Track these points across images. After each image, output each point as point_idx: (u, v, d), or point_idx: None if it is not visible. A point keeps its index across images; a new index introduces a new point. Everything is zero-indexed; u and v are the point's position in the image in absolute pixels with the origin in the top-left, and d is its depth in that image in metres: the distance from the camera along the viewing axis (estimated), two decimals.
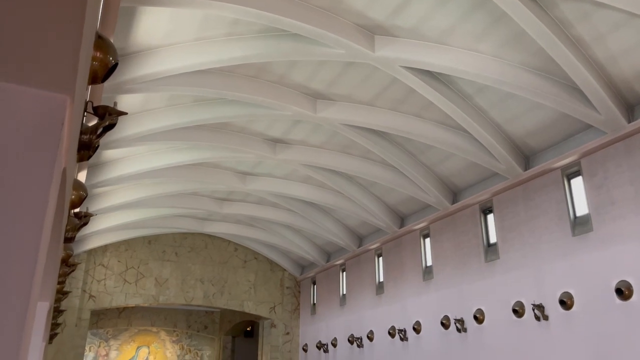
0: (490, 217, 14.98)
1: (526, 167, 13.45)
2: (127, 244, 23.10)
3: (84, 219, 10.50)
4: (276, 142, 15.53)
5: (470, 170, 14.95)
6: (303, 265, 25.47)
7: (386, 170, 15.81)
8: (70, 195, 8.39)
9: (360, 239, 21.18)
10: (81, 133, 6.29)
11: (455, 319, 15.09)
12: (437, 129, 13.27)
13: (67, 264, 12.46)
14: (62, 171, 3.11)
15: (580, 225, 12.10)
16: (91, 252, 22.08)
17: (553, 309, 12.20)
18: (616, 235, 11.09)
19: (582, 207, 12.24)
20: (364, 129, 13.88)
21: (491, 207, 14.82)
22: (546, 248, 12.75)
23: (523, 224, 13.54)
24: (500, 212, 14.41)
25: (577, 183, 12.49)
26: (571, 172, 12.59)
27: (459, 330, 15.00)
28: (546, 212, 12.93)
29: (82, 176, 12.37)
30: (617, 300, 10.72)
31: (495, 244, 14.54)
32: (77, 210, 10.29)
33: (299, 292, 25.62)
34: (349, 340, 20.40)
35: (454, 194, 16.08)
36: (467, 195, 15.46)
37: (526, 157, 13.53)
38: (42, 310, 7.22)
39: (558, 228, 12.52)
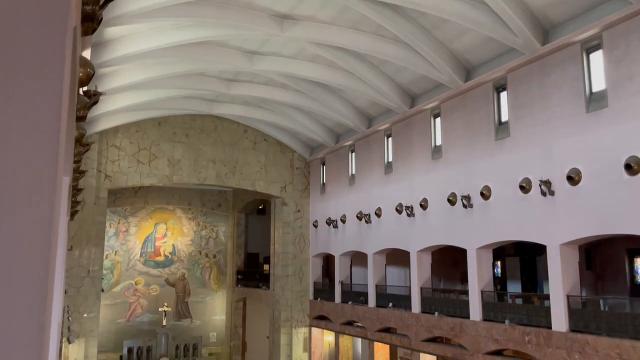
0: (503, 95, 14.76)
1: (544, 41, 12.95)
2: (138, 125, 23.25)
3: (93, 97, 10.43)
4: (283, 19, 14.90)
5: (486, 46, 14.45)
6: (312, 147, 25.74)
7: (398, 47, 15.30)
8: (78, 72, 8.26)
9: (369, 120, 21.13)
10: (83, 3, 6.02)
11: (461, 196, 15.51)
12: (454, 1, 12.60)
13: (81, 144, 12.64)
14: (73, 29, 3.02)
15: (595, 101, 11.92)
16: (103, 133, 22.31)
17: (560, 184, 12.44)
18: (631, 111, 10.96)
19: (598, 83, 11.98)
20: (376, 2, 13.20)
21: (505, 84, 14.54)
22: (558, 125, 12.69)
23: (536, 101, 13.36)
24: (513, 89, 14.16)
25: (596, 58, 12.09)
26: (591, 46, 12.14)
27: (464, 206, 15.48)
28: (561, 89, 12.69)
29: (87, 54, 12.10)
30: (625, 176, 10.88)
31: (506, 122, 14.48)
32: (85, 88, 10.21)
33: (309, 172, 26.18)
34: (357, 216, 21.21)
35: (467, 72, 15.70)
36: (481, 73, 15.10)
37: (545, 30, 12.96)
38: (64, 184, 7.46)
39: (572, 105, 12.37)
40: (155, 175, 23.45)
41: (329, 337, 27.31)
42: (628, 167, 10.72)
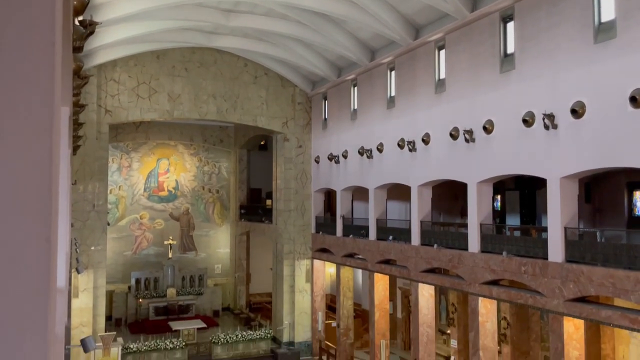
0: (510, 26, 14.35)
1: None
2: (136, 59, 22.82)
3: (89, 27, 10.18)
4: None
5: None
6: (314, 81, 25.36)
7: None
8: (72, 0, 8.01)
9: (372, 53, 20.67)
10: None
11: (464, 130, 15.44)
12: None
13: (79, 76, 12.46)
14: None
15: (603, 31, 11.60)
16: (101, 67, 21.94)
17: (563, 118, 12.34)
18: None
19: (608, 13, 11.60)
20: None
21: (512, 14, 14.10)
22: (564, 57, 12.42)
23: (543, 31, 13.00)
24: (521, 19, 13.75)
25: None
26: None
27: (467, 140, 15.43)
28: (569, 19, 12.32)
29: None
30: (630, 109, 10.76)
31: (512, 55, 14.16)
32: (81, 18, 9.94)
33: (310, 107, 25.93)
34: (359, 152, 21.22)
35: (474, 1, 15.18)
36: (488, 3, 14.59)
37: None
38: (64, 115, 7.42)
39: (580, 35, 12.04)
40: (156, 110, 23.29)
41: (330, 268, 28.09)
42: (633, 100, 10.58)
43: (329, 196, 26.87)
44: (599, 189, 15.80)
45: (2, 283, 1.58)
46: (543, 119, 12.64)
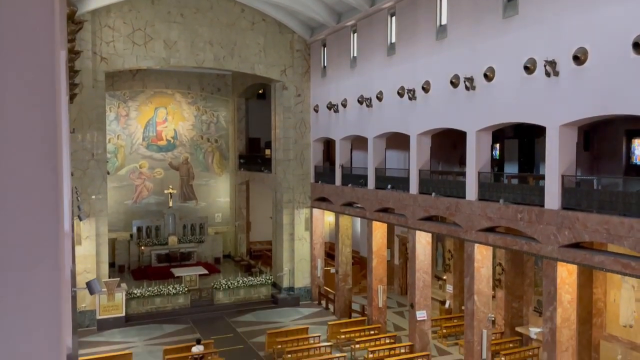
0: None
1: None
2: (130, 4, 22.24)
3: None
4: None
5: None
6: (313, 27, 24.82)
7: None
8: None
9: None
10: None
11: (464, 78, 15.26)
12: None
13: (74, 21, 12.21)
14: None
15: None
16: (95, 13, 21.41)
17: (565, 64, 12.19)
18: None
19: None
20: None
21: None
22: (569, 2, 12.13)
23: None
24: None
25: None
26: None
27: (467, 88, 15.29)
28: None
29: None
30: (632, 55, 10.61)
31: None
32: None
33: (309, 55, 25.50)
34: (358, 100, 21.04)
35: None
36: None
37: None
38: (61, 57, 7.33)
39: None
40: (152, 58, 22.90)
41: (329, 217, 28.43)
42: (636, 46, 10.42)
43: (328, 145, 26.86)
44: (598, 137, 15.81)
45: (15, 211, 1.62)
46: (545, 66, 12.48)
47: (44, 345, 1.64)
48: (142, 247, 28.62)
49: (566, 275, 12.70)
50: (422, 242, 18.09)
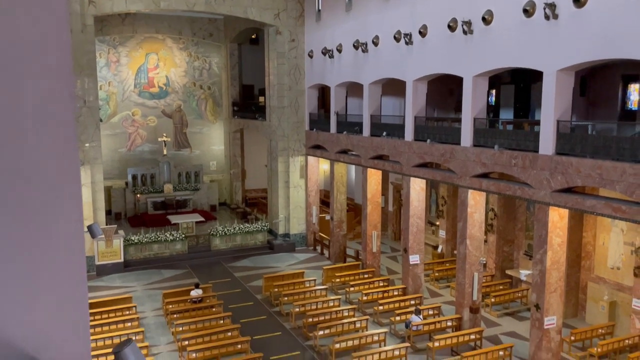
0: None
1: None
2: None
3: None
4: None
5: None
6: None
7: None
8: None
9: None
10: None
11: (462, 21, 14.97)
12: None
13: None
14: None
15: None
16: None
17: (565, 7, 11.95)
18: None
19: None
20: None
21: None
22: None
23: None
24: None
25: None
26: None
27: (465, 32, 15.03)
28: None
29: None
30: None
31: None
32: None
33: None
34: (354, 45, 20.67)
35: None
36: None
37: None
38: None
39: None
40: (141, 1, 22.22)
41: (324, 165, 28.52)
42: None
43: (323, 92, 26.58)
44: (595, 82, 15.72)
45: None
46: (544, 9, 12.24)
47: (69, 294, 1.66)
48: (138, 195, 28.76)
49: (557, 219, 12.95)
50: (416, 188, 18.27)
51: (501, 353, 14.10)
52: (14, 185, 1.42)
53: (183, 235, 23.96)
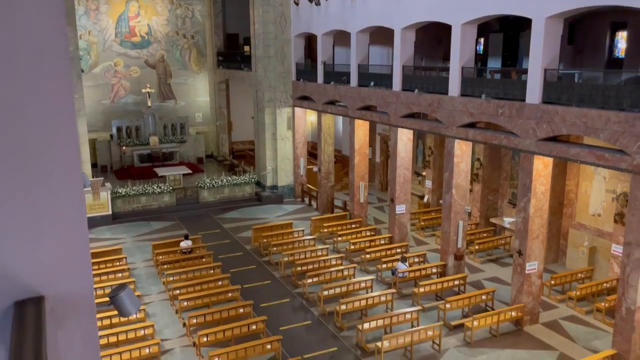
0: None
1: None
2: None
3: None
4: None
5: None
6: None
7: None
8: None
9: None
10: None
11: None
12: None
13: None
14: None
15: None
16: None
17: None
18: None
19: None
20: None
21: None
22: None
23: None
24: None
25: None
26: None
27: None
28: None
29: None
30: None
31: None
32: None
33: None
34: None
35: None
36: None
37: None
38: None
39: None
40: None
41: (311, 116, 28.39)
42: None
43: (310, 41, 26.10)
44: (583, 30, 15.62)
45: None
46: None
47: (70, 232, 1.69)
48: (124, 148, 28.49)
49: (542, 167, 13.14)
50: (404, 139, 18.32)
51: (484, 297, 14.60)
52: (16, 129, 1.43)
53: (171, 188, 23.95)
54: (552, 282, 15.49)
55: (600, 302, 14.23)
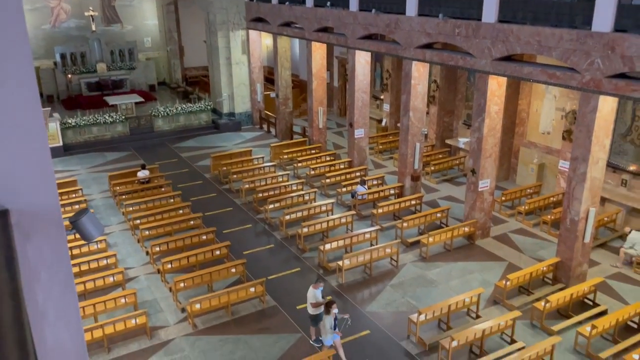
0: None
1: None
2: None
3: None
4: None
5: None
6: None
7: None
8: None
9: None
10: None
11: None
12: None
13: None
14: None
15: None
16: None
17: None
18: None
19: None
20: None
21: None
22: None
23: None
24: None
25: None
26: None
27: None
28: None
29: None
30: None
31: None
32: None
33: None
34: None
35: None
36: None
37: None
38: None
39: None
40: None
41: (267, 39, 27.51)
42: None
43: None
44: None
45: None
46: None
47: (32, 154, 1.64)
48: (70, 76, 27.10)
49: (496, 87, 13.37)
50: (362, 61, 18.13)
51: (439, 215, 15.24)
52: None
53: (123, 117, 23.20)
54: (503, 198, 16.24)
55: (547, 215, 15.09)
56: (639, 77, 10.25)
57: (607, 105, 10.97)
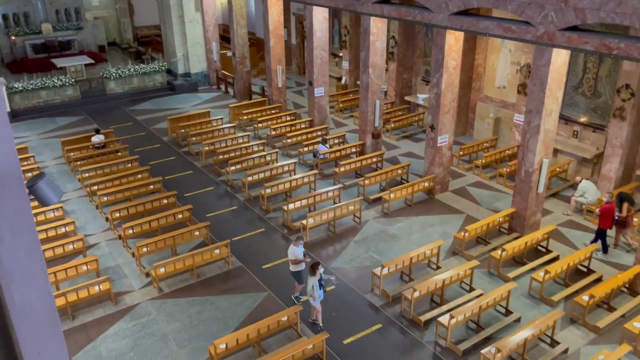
0: None
1: None
2: None
3: None
4: None
5: None
6: None
7: None
8: None
9: None
10: None
11: None
12: None
13: None
14: None
15: None
16: None
17: None
18: None
19: None
20: None
21: None
22: None
23: None
24: None
25: None
26: None
27: None
28: None
29: None
30: None
31: None
32: None
33: None
34: None
35: None
36: None
37: None
38: None
39: None
40: None
41: None
42: None
43: None
44: None
45: None
46: None
47: None
48: (13, 38, 25.62)
49: (453, 42, 13.44)
50: (319, 18, 17.82)
51: (399, 172, 15.48)
52: None
53: (73, 80, 22.24)
54: (461, 152, 16.61)
55: (503, 168, 15.56)
56: (590, 29, 10.50)
57: (560, 58, 11.22)
